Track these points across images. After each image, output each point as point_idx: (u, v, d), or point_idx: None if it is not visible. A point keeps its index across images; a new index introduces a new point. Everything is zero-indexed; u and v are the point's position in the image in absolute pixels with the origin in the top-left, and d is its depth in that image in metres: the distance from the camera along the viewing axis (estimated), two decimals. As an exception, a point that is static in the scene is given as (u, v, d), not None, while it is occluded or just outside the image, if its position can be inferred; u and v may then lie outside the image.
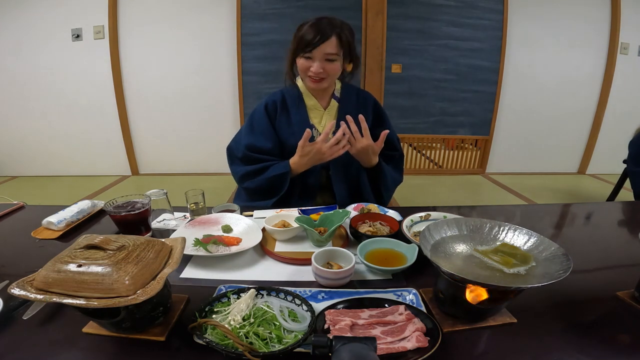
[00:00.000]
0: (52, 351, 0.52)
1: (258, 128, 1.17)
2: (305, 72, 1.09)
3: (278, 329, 0.51)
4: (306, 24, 1.06)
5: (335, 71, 1.09)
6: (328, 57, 1.05)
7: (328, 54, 1.04)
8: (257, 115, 1.18)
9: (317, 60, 1.05)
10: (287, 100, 1.19)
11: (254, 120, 1.18)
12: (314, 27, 1.03)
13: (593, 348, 0.54)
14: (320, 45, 1.02)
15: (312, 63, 1.06)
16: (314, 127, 1.20)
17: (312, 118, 1.20)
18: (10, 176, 3.50)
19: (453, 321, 0.58)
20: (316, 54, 1.04)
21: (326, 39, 1.02)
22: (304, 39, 1.04)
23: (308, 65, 1.07)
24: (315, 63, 1.05)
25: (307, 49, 1.04)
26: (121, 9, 3.07)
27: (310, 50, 1.04)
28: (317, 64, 1.05)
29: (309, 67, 1.07)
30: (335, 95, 1.21)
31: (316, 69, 1.05)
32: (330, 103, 1.21)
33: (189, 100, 3.33)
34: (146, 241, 0.55)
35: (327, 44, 1.03)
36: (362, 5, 3.03)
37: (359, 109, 1.20)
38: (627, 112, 3.48)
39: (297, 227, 0.86)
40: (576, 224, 1.10)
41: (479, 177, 3.57)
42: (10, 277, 0.69)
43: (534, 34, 3.27)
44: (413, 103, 3.33)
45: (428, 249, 0.60)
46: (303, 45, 1.04)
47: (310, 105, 1.19)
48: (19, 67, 3.16)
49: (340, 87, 1.23)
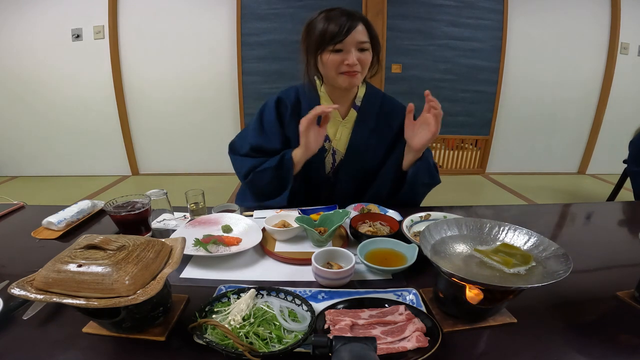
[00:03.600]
0: (52, 351, 0.52)
1: (265, 128, 1.09)
2: (338, 68, 0.96)
3: (278, 329, 0.51)
4: (317, 18, 0.96)
5: (368, 62, 0.99)
6: (361, 46, 0.95)
7: (361, 42, 0.94)
8: (267, 115, 1.09)
9: (351, 49, 0.94)
10: (302, 103, 1.08)
11: (264, 119, 1.10)
12: (336, 17, 0.93)
13: (593, 348, 0.54)
14: (352, 32, 0.92)
15: (346, 55, 0.94)
16: (327, 138, 1.10)
17: (326, 128, 1.05)
18: (10, 176, 3.50)
19: (453, 321, 0.58)
20: (348, 43, 0.93)
21: (356, 25, 0.92)
22: (328, 32, 0.92)
23: (341, 59, 0.95)
24: (350, 54, 0.94)
25: (336, 40, 0.92)
26: (121, 9, 3.08)
27: (340, 40, 0.92)
28: (352, 54, 0.94)
29: (342, 60, 0.95)
30: (355, 104, 1.09)
31: (352, 59, 0.93)
32: (349, 113, 1.09)
33: (189, 101, 3.33)
34: (146, 241, 0.55)
35: (358, 31, 0.93)
36: (362, 5, 3.03)
37: (380, 121, 1.10)
38: (627, 112, 3.48)
39: (297, 227, 0.86)
40: (576, 224, 1.10)
41: (479, 177, 3.57)
42: (10, 277, 0.69)
43: (534, 34, 3.27)
44: (413, 103, 3.32)
45: (428, 249, 0.60)
46: (329, 37, 0.92)
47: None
48: (19, 67, 3.16)
49: (363, 94, 1.10)
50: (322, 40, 0.94)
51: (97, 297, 0.46)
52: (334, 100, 1.08)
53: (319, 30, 0.94)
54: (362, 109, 1.10)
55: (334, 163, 1.14)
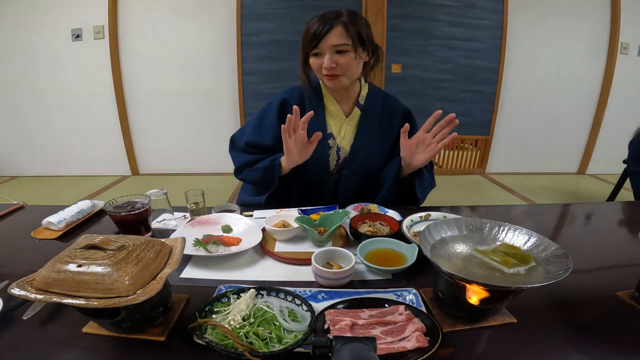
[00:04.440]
0: (52, 351, 0.52)
1: (264, 125, 1.11)
2: (319, 70, 1.01)
3: (278, 329, 0.51)
4: (310, 22, 1.00)
5: (349, 64, 0.98)
6: (337, 49, 0.96)
7: (336, 45, 0.95)
8: (269, 114, 1.11)
9: (327, 53, 0.96)
10: (306, 102, 1.11)
11: (265, 117, 1.12)
12: (318, 19, 0.96)
13: (593, 348, 0.54)
14: (326, 36, 0.94)
15: (323, 58, 0.98)
16: (332, 136, 1.12)
17: (331, 125, 1.11)
18: (10, 176, 3.50)
19: (453, 321, 0.58)
20: (323, 47, 0.96)
21: (330, 29, 0.94)
22: (308, 34, 0.97)
23: (320, 62, 0.98)
24: (326, 57, 0.97)
25: (312, 44, 0.96)
26: (121, 9, 3.07)
27: (316, 44, 0.96)
28: (327, 57, 0.96)
29: (320, 64, 0.98)
30: (359, 103, 1.12)
31: (327, 63, 0.96)
32: (353, 111, 1.12)
33: (188, 101, 3.33)
34: (146, 241, 0.55)
35: (333, 35, 0.94)
36: (362, 5, 3.03)
37: (382, 120, 1.13)
38: (627, 112, 3.48)
39: (297, 227, 0.86)
40: (576, 224, 1.10)
41: (479, 177, 3.57)
42: (10, 277, 0.69)
43: (534, 34, 3.27)
44: (413, 103, 3.32)
45: (428, 249, 0.60)
46: (309, 40, 0.97)
47: (332, 111, 1.11)
48: (19, 67, 3.16)
49: (366, 93, 1.13)
50: (305, 44, 1.00)
51: (97, 297, 0.46)
52: (336, 99, 1.11)
53: (305, 34, 0.99)
54: (365, 107, 1.12)
55: (339, 160, 1.15)
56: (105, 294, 0.46)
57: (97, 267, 0.48)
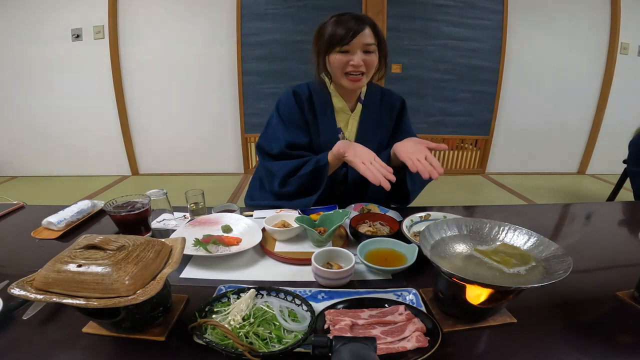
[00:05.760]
0: (52, 351, 0.52)
1: (291, 123, 1.12)
2: (343, 68, 1.02)
3: (278, 329, 0.51)
4: (328, 22, 1.01)
5: (374, 64, 1.03)
6: (367, 49, 0.99)
7: (367, 44, 0.99)
8: (287, 109, 1.13)
9: (357, 51, 0.99)
10: (314, 99, 1.14)
11: (283, 115, 1.13)
12: (344, 20, 0.99)
13: (593, 348, 0.54)
14: (358, 35, 0.97)
15: (351, 56, 1.00)
16: (340, 130, 1.17)
17: (339, 121, 1.16)
18: (10, 176, 3.50)
19: (453, 321, 0.58)
20: (355, 45, 0.98)
21: (363, 29, 0.98)
22: (337, 34, 0.98)
23: (346, 60, 1.00)
24: (356, 55, 0.99)
25: (344, 42, 0.98)
26: (121, 8, 3.07)
27: (347, 42, 0.98)
28: (357, 55, 0.99)
29: (348, 61, 1.00)
30: (360, 98, 1.17)
31: (357, 60, 0.99)
32: (357, 107, 1.17)
33: (188, 101, 3.33)
34: (146, 241, 0.55)
35: (365, 34, 0.98)
36: (362, 5, 3.03)
37: (382, 112, 1.18)
38: (627, 112, 3.48)
39: (297, 227, 0.86)
40: (576, 224, 1.10)
41: (479, 177, 3.57)
42: (10, 277, 0.69)
43: (534, 34, 3.27)
44: (413, 103, 3.33)
45: (428, 249, 0.60)
46: (338, 39, 0.98)
47: (338, 108, 1.15)
48: (18, 67, 3.15)
49: (365, 89, 1.18)
50: (331, 42, 1.00)
51: (97, 297, 0.46)
52: (342, 96, 1.15)
53: (329, 32, 1.00)
54: (366, 102, 1.18)
55: None
56: (105, 294, 0.46)
57: (97, 267, 0.48)
